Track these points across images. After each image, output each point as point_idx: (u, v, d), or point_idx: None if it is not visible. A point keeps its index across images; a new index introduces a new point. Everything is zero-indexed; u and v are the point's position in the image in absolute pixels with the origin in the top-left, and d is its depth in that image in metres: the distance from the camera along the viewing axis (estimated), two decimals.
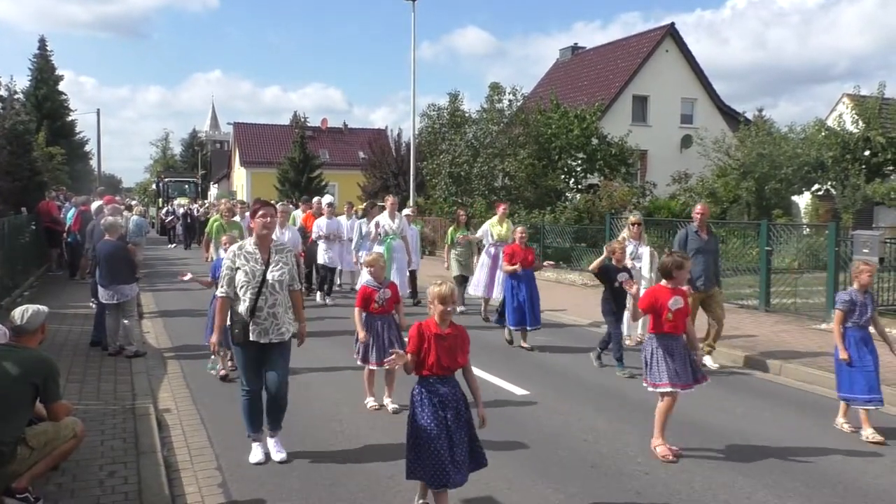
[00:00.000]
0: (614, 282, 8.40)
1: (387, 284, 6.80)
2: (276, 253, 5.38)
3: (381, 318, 6.72)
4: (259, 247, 5.33)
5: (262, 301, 5.21)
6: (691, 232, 9.03)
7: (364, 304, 6.67)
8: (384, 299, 6.69)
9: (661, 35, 32.74)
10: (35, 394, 4.53)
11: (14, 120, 18.05)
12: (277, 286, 5.29)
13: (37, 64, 42.86)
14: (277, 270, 5.30)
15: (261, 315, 5.21)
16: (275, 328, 5.27)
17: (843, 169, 24.15)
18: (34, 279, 15.38)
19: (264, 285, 5.23)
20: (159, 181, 41.08)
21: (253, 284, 5.21)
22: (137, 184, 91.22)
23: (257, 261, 5.27)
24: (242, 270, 5.24)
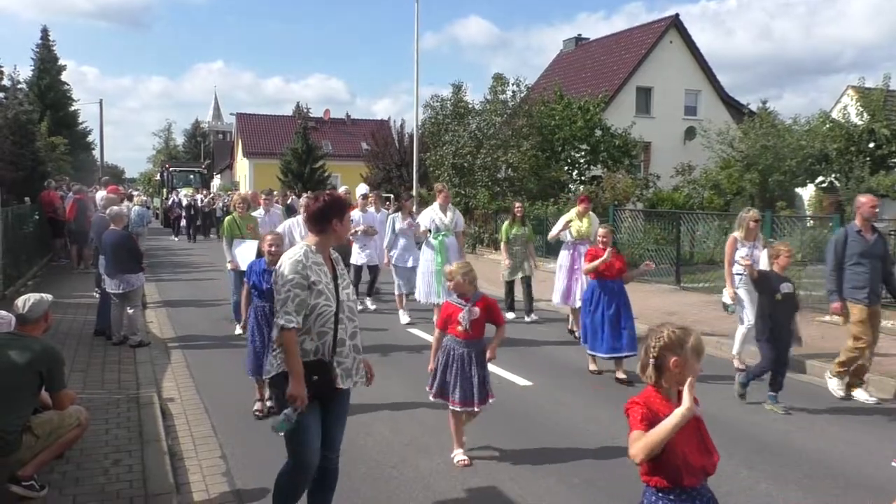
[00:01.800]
0: (775, 293, 6.70)
1: (476, 300, 5.28)
2: (337, 263, 4.01)
3: (468, 344, 5.27)
4: (324, 254, 3.88)
5: (343, 331, 3.85)
6: (852, 232, 7.12)
7: (444, 324, 5.35)
8: (470, 321, 5.24)
9: (666, 26, 32.58)
10: (40, 382, 4.55)
11: (17, 110, 18.08)
12: (354, 308, 3.99)
13: (39, 54, 42.78)
14: (347, 287, 3.96)
15: (343, 350, 3.85)
16: (357, 367, 3.96)
17: (848, 161, 24.05)
18: (38, 269, 15.42)
19: (340, 308, 3.83)
20: (164, 171, 40.49)
21: (333, 309, 3.80)
22: (141, 174, 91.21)
23: (326, 273, 3.82)
24: (318, 290, 3.73)
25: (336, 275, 3.88)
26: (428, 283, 9.92)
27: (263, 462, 5.27)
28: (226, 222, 10.00)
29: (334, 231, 3.84)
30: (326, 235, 3.84)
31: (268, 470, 5.10)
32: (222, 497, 4.74)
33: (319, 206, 3.82)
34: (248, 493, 4.78)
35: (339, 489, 4.41)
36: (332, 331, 3.77)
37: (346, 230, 3.94)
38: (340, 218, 3.84)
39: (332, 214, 3.82)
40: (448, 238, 9.94)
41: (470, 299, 5.29)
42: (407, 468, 5.22)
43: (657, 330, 2.79)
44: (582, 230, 9.96)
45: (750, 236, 8.04)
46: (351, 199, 13.04)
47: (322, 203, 3.82)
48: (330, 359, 3.78)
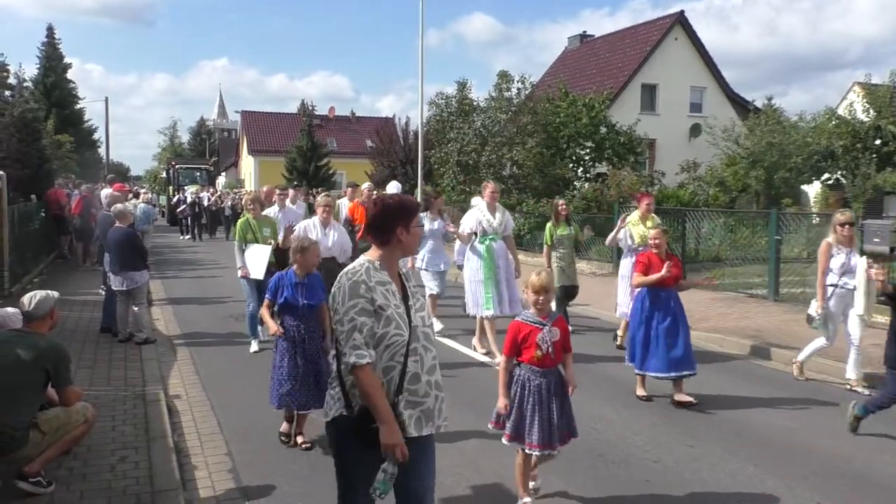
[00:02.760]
0: None
1: (554, 319, 4.47)
2: (408, 279, 3.31)
3: (546, 373, 4.40)
4: (390, 270, 3.14)
5: (416, 363, 3.06)
6: None
7: (515, 350, 4.44)
8: (550, 343, 4.37)
9: (671, 23, 32.51)
10: (46, 379, 4.57)
11: (23, 108, 18.14)
12: (431, 335, 3.21)
13: (45, 52, 42.97)
14: (421, 309, 3.21)
15: (418, 388, 3.06)
16: (439, 407, 3.18)
17: (854, 158, 23.97)
18: (44, 266, 15.47)
19: (413, 336, 3.07)
20: (170, 168, 40.29)
21: (406, 338, 3.05)
22: (147, 171, 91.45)
23: (395, 294, 3.09)
24: (386, 316, 3.01)
25: (407, 295, 3.15)
26: (476, 292, 8.58)
27: (269, 459, 5.29)
28: (238, 225, 8.92)
29: (399, 242, 3.10)
30: (391, 248, 3.10)
31: (273, 467, 5.13)
32: (228, 494, 4.75)
33: (379, 212, 3.11)
34: (254, 489, 4.78)
35: None
36: (401, 364, 3.01)
37: (414, 240, 3.17)
38: (407, 225, 3.09)
39: (395, 221, 3.08)
40: (496, 242, 8.52)
41: (548, 317, 4.46)
42: None
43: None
44: (646, 235, 8.67)
45: (845, 242, 7.26)
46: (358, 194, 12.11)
47: (383, 207, 3.10)
48: (395, 399, 2.99)
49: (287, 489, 4.78)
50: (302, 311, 5.53)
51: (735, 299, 12.64)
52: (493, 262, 8.42)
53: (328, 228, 8.27)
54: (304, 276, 5.61)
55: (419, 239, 3.21)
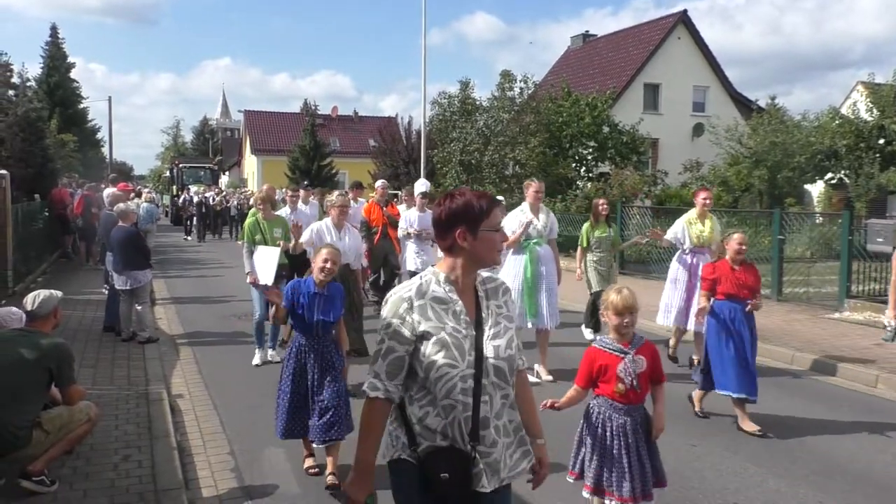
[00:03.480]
0: None
1: (639, 345, 3.80)
2: (490, 296, 2.61)
3: (631, 410, 3.77)
4: (459, 284, 2.54)
5: (486, 406, 2.46)
6: None
7: (590, 382, 3.87)
8: (634, 375, 3.75)
9: (674, 22, 32.49)
10: (49, 378, 4.58)
11: (27, 107, 18.15)
12: (506, 370, 2.52)
13: (49, 51, 42.98)
14: (501, 336, 2.54)
15: (486, 435, 2.46)
16: (509, 456, 2.55)
17: (857, 157, 23.94)
18: (47, 265, 15.50)
19: (483, 370, 2.46)
20: (173, 167, 40.16)
21: (463, 370, 2.43)
22: (151, 170, 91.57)
23: (459, 315, 2.49)
24: (436, 341, 2.44)
25: (481, 317, 2.52)
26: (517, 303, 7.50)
27: (272, 458, 5.30)
28: (246, 226, 8.18)
29: (462, 249, 2.48)
30: (455, 256, 2.51)
31: (276, 466, 5.13)
32: (231, 493, 4.76)
33: (440, 211, 2.53)
34: (257, 489, 4.79)
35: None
36: (469, 404, 2.41)
37: (485, 248, 2.50)
38: (472, 228, 2.47)
39: (456, 223, 2.48)
40: (541, 247, 7.58)
41: (631, 343, 3.80)
42: None
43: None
44: (704, 235, 7.89)
45: None
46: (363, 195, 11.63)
47: (444, 206, 2.53)
48: (470, 446, 2.42)
49: (289, 489, 4.79)
50: (316, 327, 4.85)
51: None
52: (537, 269, 7.50)
53: (342, 232, 7.27)
54: (324, 287, 4.93)
55: (496, 246, 2.52)
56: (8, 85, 20.04)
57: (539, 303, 7.47)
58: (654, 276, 14.22)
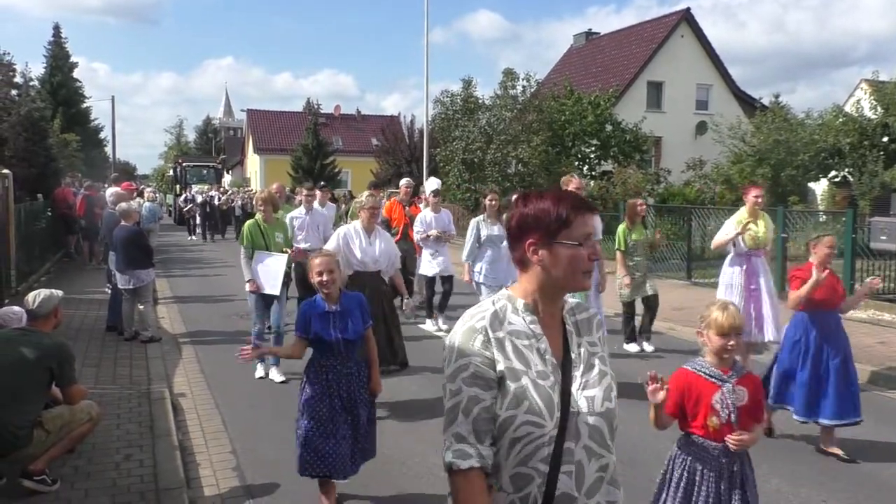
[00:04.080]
0: None
1: (740, 374, 3.25)
2: (581, 331, 2.03)
3: (727, 451, 3.16)
4: (542, 313, 1.96)
5: (568, 476, 1.87)
6: None
7: (679, 411, 3.25)
8: (734, 408, 3.16)
9: (677, 20, 32.43)
10: (50, 378, 4.58)
11: (30, 107, 18.19)
12: (605, 430, 1.98)
13: (51, 51, 43.06)
14: (596, 384, 1.96)
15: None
16: None
17: (861, 155, 23.86)
18: (50, 265, 15.53)
19: (571, 430, 1.87)
20: (177, 166, 40.04)
21: (550, 430, 1.84)
22: (154, 169, 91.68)
23: (543, 353, 1.92)
24: (517, 389, 1.84)
25: (569, 358, 1.93)
26: None
27: (273, 458, 5.29)
28: (245, 228, 7.48)
29: (535, 266, 1.92)
30: (530, 276, 1.94)
31: (278, 465, 5.13)
32: (232, 492, 4.75)
33: (512, 217, 1.99)
34: (258, 488, 4.79)
35: (346, 484, 4.44)
36: (544, 475, 1.83)
37: (565, 265, 1.88)
38: (545, 239, 1.89)
39: (526, 233, 1.92)
40: None
41: (732, 370, 3.23)
42: (415, 464, 5.22)
43: None
44: (759, 236, 7.21)
45: None
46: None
47: (517, 212, 1.98)
48: None
49: (291, 488, 4.78)
50: (337, 347, 4.27)
51: None
52: None
53: (373, 236, 6.48)
54: (335, 302, 4.33)
55: (578, 265, 1.88)
56: (11, 85, 20.05)
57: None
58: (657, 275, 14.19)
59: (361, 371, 4.39)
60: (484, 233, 8.22)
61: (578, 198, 1.96)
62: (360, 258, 6.37)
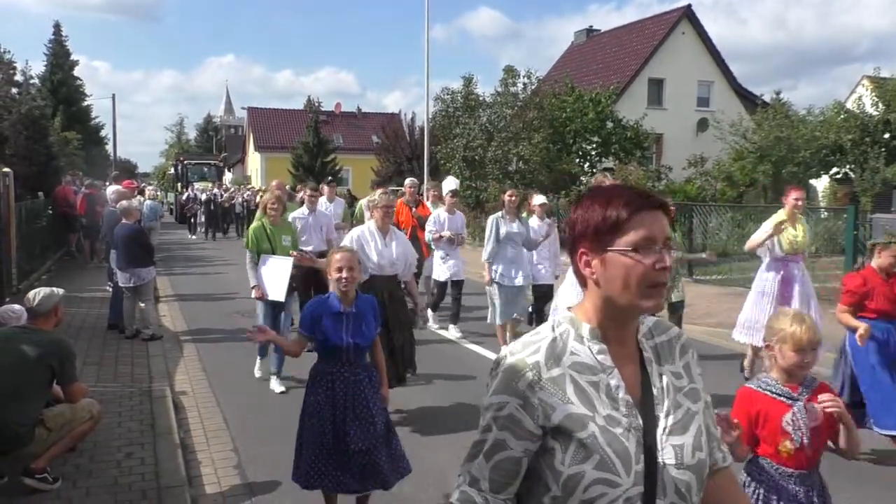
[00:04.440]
0: None
1: (812, 388, 2.86)
2: (662, 358, 1.64)
3: (804, 477, 2.86)
4: (611, 339, 1.59)
5: None
6: None
7: (751, 435, 2.87)
8: (806, 430, 2.79)
9: (678, 17, 32.37)
10: (51, 376, 4.58)
11: (30, 105, 18.16)
12: (694, 485, 1.53)
13: (52, 49, 42.98)
14: (686, 429, 1.56)
15: None
16: None
17: (863, 152, 23.82)
18: (51, 263, 15.53)
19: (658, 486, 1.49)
20: (178, 164, 39.95)
21: (627, 489, 1.47)
22: (155, 167, 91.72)
23: (615, 391, 1.54)
24: (580, 442, 1.48)
25: (651, 396, 1.58)
26: None
27: (275, 456, 5.28)
28: (251, 231, 7.17)
29: (590, 281, 1.60)
30: (589, 292, 1.63)
31: (279, 463, 5.12)
32: (234, 490, 4.75)
33: (567, 223, 1.70)
34: (260, 485, 4.79)
35: None
36: None
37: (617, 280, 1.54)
38: (598, 247, 1.57)
39: (578, 240, 1.61)
40: None
41: (802, 385, 2.85)
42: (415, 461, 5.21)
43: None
44: (798, 240, 6.84)
45: None
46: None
47: (572, 213, 1.66)
48: None
49: (292, 485, 4.76)
50: (347, 353, 3.92)
51: (742, 294, 12.51)
52: None
53: (388, 237, 6.12)
54: (350, 304, 4.02)
55: (638, 277, 1.51)
56: (11, 83, 20.03)
57: None
58: None
59: (373, 377, 4.04)
60: (503, 230, 7.96)
61: (638, 193, 1.57)
62: (377, 261, 5.96)
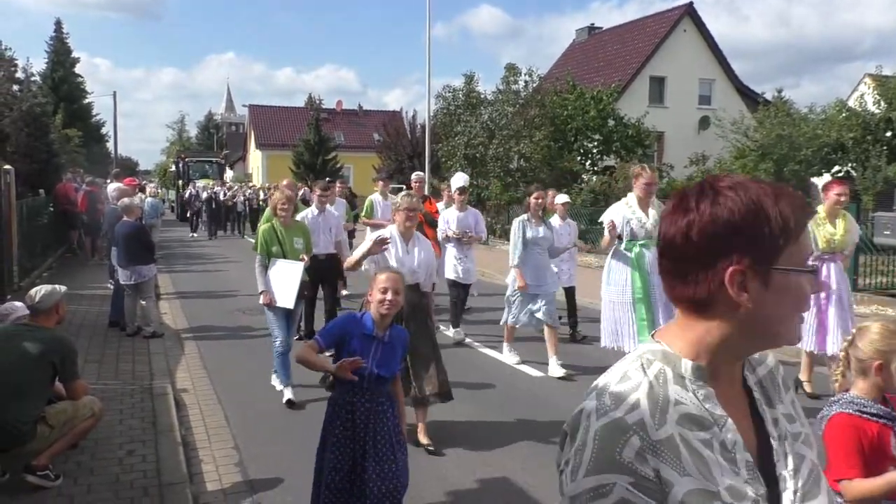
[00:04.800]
0: None
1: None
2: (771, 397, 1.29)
3: None
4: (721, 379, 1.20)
5: None
6: None
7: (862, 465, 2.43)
8: None
9: (679, 15, 32.33)
10: (53, 373, 4.59)
11: (31, 102, 18.15)
12: None
13: (53, 46, 42.98)
14: (820, 492, 1.21)
15: None
16: None
17: (864, 150, 23.80)
18: (52, 260, 15.54)
19: None
20: (179, 161, 39.78)
21: None
22: (156, 165, 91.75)
23: (734, 455, 1.15)
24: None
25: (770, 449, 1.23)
26: (618, 319, 6.22)
27: (276, 453, 5.29)
28: (261, 234, 6.60)
29: (737, 310, 1.16)
30: (710, 318, 1.19)
31: (280, 461, 5.13)
32: (235, 487, 4.75)
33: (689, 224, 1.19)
34: (261, 482, 4.79)
35: None
36: None
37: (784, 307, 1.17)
38: (762, 263, 1.15)
39: (722, 249, 1.16)
40: (650, 251, 6.08)
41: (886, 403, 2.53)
42: (420, 458, 5.21)
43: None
44: (836, 238, 6.40)
45: None
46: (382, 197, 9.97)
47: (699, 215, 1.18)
48: None
49: (293, 482, 4.78)
50: (368, 381, 3.59)
51: None
52: (647, 277, 6.06)
53: (411, 243, 5.45)
54: (384, 330, 3.71)
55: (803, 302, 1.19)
56: (12, 80, 20.03)
57: (655, 318, 6.01)
58: None
59: (393, 407, 3.77)
60: (529, 234, 7.51)
61: (798, 195, 1.22)
62: (397, 269, 5.00)
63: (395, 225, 5.52)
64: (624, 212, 6.23)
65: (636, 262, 6.12)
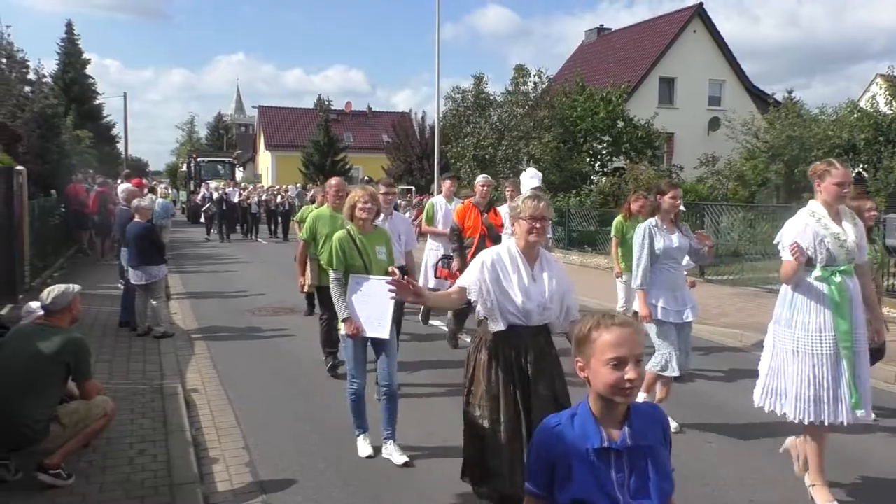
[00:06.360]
0: None
1: None
2: None
3: None
4: None
5: None
6: None
7: None
8: None
9: (689, 15, 32.25)
10: (66, 372, 4.62)
11: (43, 103, 18.27)
12: None
13: (64, 48, 43.22)
14: None
15: None
16: None
17: (876, 151, 23.64)
18: (64, 261, 15.64)
19: None
20: (190, 161, 39.53)
21: None
22: (167, 165, 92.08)
23: None
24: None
25: None
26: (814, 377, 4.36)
27: (286, 453, 5.30)
28: (336, 245, 5.09)
29: None
30: None
31: (290, 461, 5.14)
32: (245, 487, 4.76)
33: None
34: (271, 483, 4.80)
35: (355, 482, 4.43)
36: None
37: None
38: None
39: None
40: (852, 280, 4.43)
41: None
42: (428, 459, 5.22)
43: None
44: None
45: None
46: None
47: None
48: None
49: (303, 483, 4.79)
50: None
51: (754, 294, 12.55)
52: (851, 322, 4.34)
53: (535, 265, 3.88)
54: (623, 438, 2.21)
55: None
56: (24, 81, 20.18)
57: (862, 380, 4.38)
58: None
59: None
60: (659, 244, 5.63)
61: None
62: (520, 304, 3.75)
63: (514, 239, 3.94)
64: (814, 227, 4.52)
65: (838, 296, 4.32)
